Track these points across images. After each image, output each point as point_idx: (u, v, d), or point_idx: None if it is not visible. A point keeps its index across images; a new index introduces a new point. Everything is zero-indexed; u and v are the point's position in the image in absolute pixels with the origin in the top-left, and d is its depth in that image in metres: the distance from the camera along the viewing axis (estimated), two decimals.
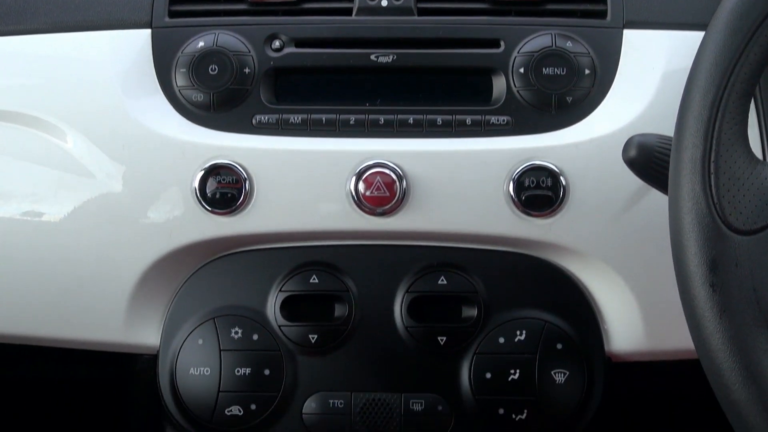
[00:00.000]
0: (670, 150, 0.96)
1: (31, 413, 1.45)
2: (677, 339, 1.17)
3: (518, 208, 1.18)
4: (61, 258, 1.24)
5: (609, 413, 1.22)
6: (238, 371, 1.20)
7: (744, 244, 0.91)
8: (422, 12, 1.23)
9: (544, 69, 1.18)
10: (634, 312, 1.20)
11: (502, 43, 1.20)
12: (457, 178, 1.18)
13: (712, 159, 0.92)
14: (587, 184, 1.18)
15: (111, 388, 1.36)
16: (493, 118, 1.19)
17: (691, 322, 0.94)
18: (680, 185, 0.92)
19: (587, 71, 1.19)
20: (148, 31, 1.23)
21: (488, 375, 1.19)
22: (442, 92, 1.21)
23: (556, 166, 1.17)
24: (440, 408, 1.20)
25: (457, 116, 1.19)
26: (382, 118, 1.19)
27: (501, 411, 1.18)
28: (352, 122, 1.19)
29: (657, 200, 1.14)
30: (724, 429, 1.24)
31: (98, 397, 1.41)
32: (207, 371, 1.21)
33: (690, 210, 0.92)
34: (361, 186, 1.17)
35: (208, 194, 1.18)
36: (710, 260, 0.91)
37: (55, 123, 1.20)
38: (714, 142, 0.92)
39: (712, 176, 0.92)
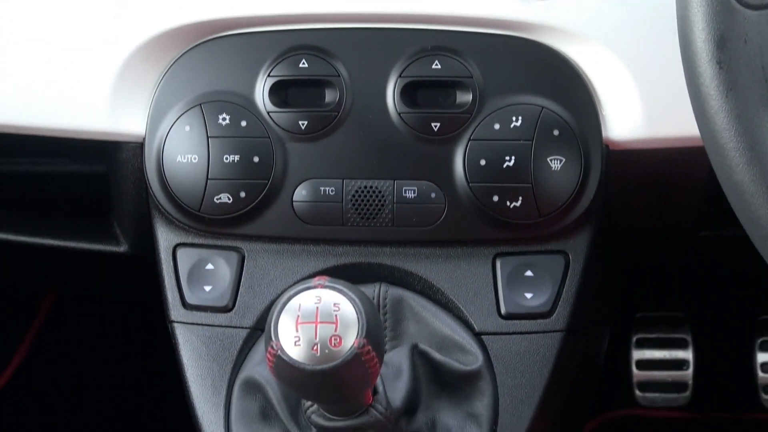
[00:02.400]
0: None
1: (20, 209, 1.44)
2: (677, 125, 1.15)
3: None
4: (45, 45, 1.21)
5: (604, 203, 1.21)
6: (226, 158, 1.18)
7: (754, 19, 0.87)
8: None
9: None
10: (634, 97, 1.17)
11: None
12: None
13: None
14: None
15: (98, 182, 1.34)
16: None
17: (695, 102, 0.91)
18: None
19: None
20: None
21: (482, 162, 1.17)
22: None
23: None
24: (433, 195, 1.18)
25: None
26: None
27: (495, 198, 1.17)
28: None
29: None
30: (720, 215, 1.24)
31: (86, 193, 1.40)
32: (194, 159, 1.19)
33: None
34: None
35: None
36: (718, 36, 0.88)
37: None
38: None
39: None
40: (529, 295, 1.18)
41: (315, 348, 0.93)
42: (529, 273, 1.19)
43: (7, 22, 1.23)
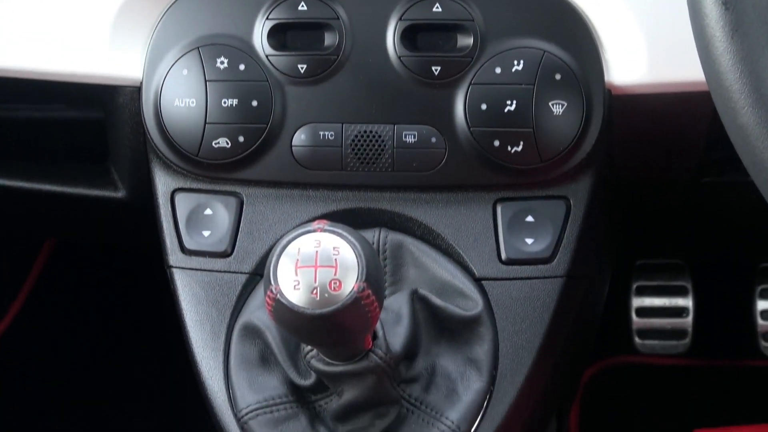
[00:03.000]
0: None
1: (18, 155, 1.43)
2: (681, 70, 1.14)
3: None
4: None
5: (605, 148, 1.19)
6: (224, 102, 1.17)
7: None
8: None
9: None
10: (637, 41, 1.16)
11: None
12: None
13: None
14: None
15: (96, 128, 1.33)
16: None
17: (700, 44, 0.89)
18: None
19: None
20: None
21: (483, 106, 1.16)
22: None
23: None
24: (434, 140, 1.17)
25: None
26: None
27: (496, 143, 1.15)
28: None
29: None
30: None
31: (84, 139, 1.39)
32: (192, 103, 1.18)
33: None
34: None
35: None
36: None
37: None
38: None
39: None
40: (529, 241, 1.18)
41: (314, 292, 0.92)
42: (529, 218, 1.18)
43: None
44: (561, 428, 1.34)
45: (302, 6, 1.17)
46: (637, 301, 2.04)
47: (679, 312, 2.03)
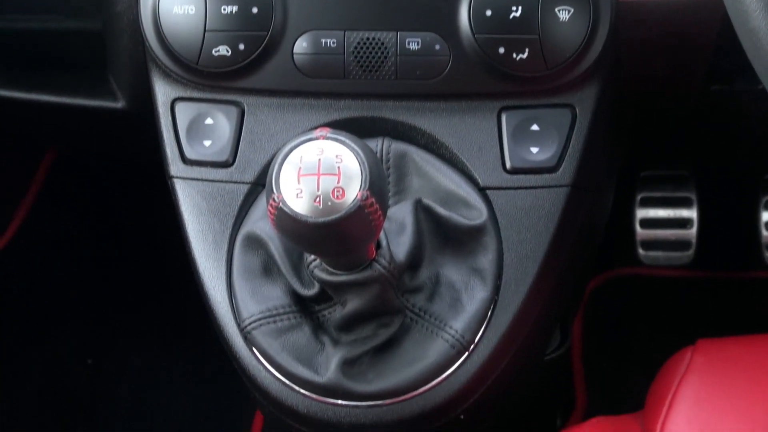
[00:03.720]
0: None
1: (16, 67, 1.42)
2: None
3: None
4: None
5: (613, 55, 1.17)
6: (224, 9, 1.15)
7: None
8: None
9: None
10: None
11: None
12: None
13: None
14: None
15: (94, 39, 1.32)
16: None
17: None
18: None
19: None
20: None
21: (488, 12, 1.13)
22: None
23: None
24: (437, 47, 1.15)
25: None
26: None
27: (501, 50, 1.13)
28: None
29: None
30: None
31: (82, 50, 1.37)
32: (191, 10, 1.15)
33: None
34: None
35: None
36: None
37: None
38: None
39: None
40: (534, 150, 1.16)
41: (317, 200, 0.91)
42: (535, 127, 1.17)
43: None
44: (564, 339, 1.34)
45: None
46: (642, 213, 2.03)
47: (684, 223, 2.03)
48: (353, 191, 0.91)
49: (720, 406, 1.17)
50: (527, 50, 1.13)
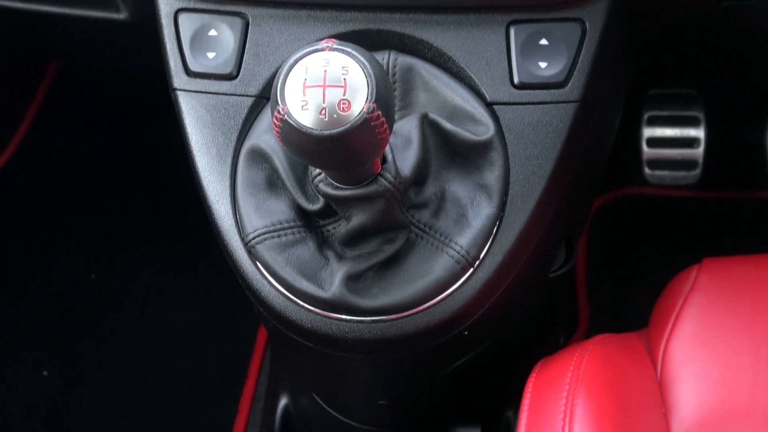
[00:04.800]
0: None
1: None
2: None
3: None
4: None
5: None
6: None
7: None
8: None
9: None
10: None
11: None
12: None
13: None
14: None
15: None
16: None
17: None
18: None
19: None
20: None
21: None
22: None
23: None
24: None
25: None
26: None
27: None
28: None
29: None
30: None
31: None
32: None
33: None
34: None
35: None
36: None
37: None
38: None
39: None
40: (543, 64, 1.14)
41: (323, 112, 0.90)
42: (543, 41, 1.15)
43: None
44: (570, 257, 1.33)
45: None
46: (648, 131, 2.02)
47: (690, 143, 2.01)
48: (359, 104, 0.90)
49: (725, 324, 1.17)
50: None
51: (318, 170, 1.04)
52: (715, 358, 1.15)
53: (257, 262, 1.11)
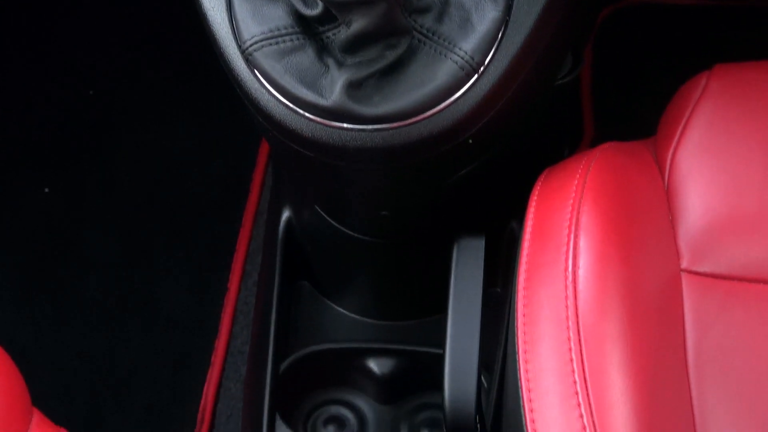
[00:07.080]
0: None
1: None
2: None
3: None
4: None
5: None
6: None
7: None
8: None
9: None
10: None
11: None
12: None
13: None
14: None
15: None
16: None
17: None
18: None
19: None
20: None
21: None
22: None
23: None
24: None
25: None
26: None
27: None
28: None
29: None
30: None
31: None
32: None
33: None
34: None
35: None
36: None
37: None
38: None
39: None
40: None
41: None
42: None
43: None
44: (576, 65, 1.30)
45: None
46: None
47: None
48: None
49: (735, 131, 1.14)
50: None
51: None
52: (725, 166, 1.13)
53: (255, 71, 1.08)
